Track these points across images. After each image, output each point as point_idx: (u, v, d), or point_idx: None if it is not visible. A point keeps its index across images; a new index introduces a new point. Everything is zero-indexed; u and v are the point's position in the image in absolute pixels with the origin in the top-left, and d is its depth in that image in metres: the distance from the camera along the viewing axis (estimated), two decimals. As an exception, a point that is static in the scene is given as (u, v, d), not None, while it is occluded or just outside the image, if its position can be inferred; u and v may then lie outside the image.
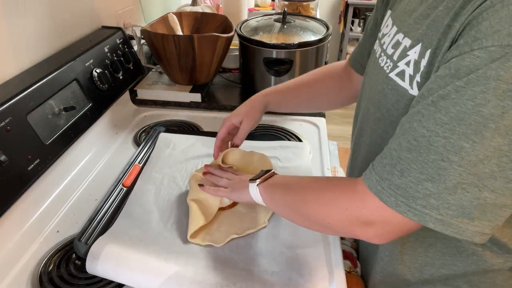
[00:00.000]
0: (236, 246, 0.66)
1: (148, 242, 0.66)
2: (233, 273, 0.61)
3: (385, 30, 0.60)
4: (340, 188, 0.53)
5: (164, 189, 0.79)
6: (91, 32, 1.04)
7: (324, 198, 0.54)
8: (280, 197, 0.61)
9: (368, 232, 0.49)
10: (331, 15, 3.46)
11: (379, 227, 0.48)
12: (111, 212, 0.74)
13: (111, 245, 0.63)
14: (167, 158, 0.89)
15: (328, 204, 0.53)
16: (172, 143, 0.94)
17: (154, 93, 1.17)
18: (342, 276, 0.62)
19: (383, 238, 0.49)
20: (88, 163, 0.90)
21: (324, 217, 0.53)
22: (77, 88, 0.86)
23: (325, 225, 0.54)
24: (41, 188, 0.76)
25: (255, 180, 0.64)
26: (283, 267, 0.62)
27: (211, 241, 0.66)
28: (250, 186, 0.65)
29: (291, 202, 0.59)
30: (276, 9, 1.82)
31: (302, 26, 1.17)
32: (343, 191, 0.52)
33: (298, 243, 0.66)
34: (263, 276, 0.60)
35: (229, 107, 1.15)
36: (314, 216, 0.55)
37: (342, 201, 0.51)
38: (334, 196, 0.53)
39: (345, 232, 0.54)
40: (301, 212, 0.58)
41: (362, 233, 0.50)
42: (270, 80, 1.15)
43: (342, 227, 0.52)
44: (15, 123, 0.69)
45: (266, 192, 0.63)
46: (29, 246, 0.68)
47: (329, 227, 0.54)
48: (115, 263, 0.61)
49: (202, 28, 1.29)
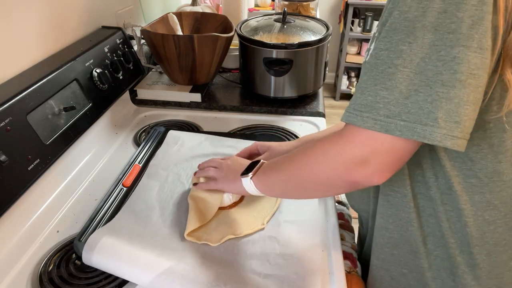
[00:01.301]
0: (233, 247, 0.66)
1: (145, 237, 0.66)
2: (226, 273, 0.61)
3: None
4: (329, 139, 0.54)
5: (168, 186, 0.80)
6: (91, 32, 1.04)
7: (318, 155, 0.55)
8: (275, 178, 0.62)
9: (364, 172, 0.50)
10: (331, 15, 3.46)
11: (372, 162, 0.49)
12: (111, 212, 0.74)
13: (107, 237, 0.63)
14: (174, 155, 0.89)
15: (322, 158, 0.54)
16: (181, 140, 0.94)
17: (154, 93, 1.17)
18: (342, 276, 0.62)
19: (380, 173, 0.50)
20: (88, 163, 0.90)
21: (321, 173, 0.54)
22: (77, 88, 0.86)
23: (325, 181, 0.54)
24: (41, 188, 0.76)
25: (247, 174, 0.65)
26: (278, 270, 0.62)
27: (207, 240, 0.66)
28: (244, 181, 0.65)
29: (288, 176, 0.60)
30: (276, 9, 1.82)
31: (302, 26, 1.17)
32: (331, 141, 0.53)
33: (297, 245, 0.66)
34: (256, 279, 0.60)
35: (229, 107, 1.15)
36: (313, 177, 0.56)
37: (334, 148, 0.52)
38: (326, 148, 0.54)
39: (344, 182, 0.53)
40: (300, 181, 0.58)
41: (359, 175, 0.51)
42: (270, 80, 1.15)
43: (341, 176, 0.52)
44: (15, 123, 0.69)
45: (261, 182, 0.63)
46: (29, 246, 0.68)
47: (329, 182, 0.54)
48: (109, 255, 0.61)
49: (202, 28, 1.30)
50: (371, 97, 0.47)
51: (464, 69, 0.43)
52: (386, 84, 0.46)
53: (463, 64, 0.43)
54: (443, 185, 0.57)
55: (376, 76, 0.47)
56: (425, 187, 0.59)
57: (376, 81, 0.47)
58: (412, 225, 0.62)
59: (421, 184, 0.59)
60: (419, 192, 0.60)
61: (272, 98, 1.18)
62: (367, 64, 0.48)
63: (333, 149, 0.52)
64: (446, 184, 0.57)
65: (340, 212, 0.99)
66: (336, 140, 0.52)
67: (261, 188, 0.64)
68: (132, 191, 0.78)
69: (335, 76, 3.76)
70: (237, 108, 1.15)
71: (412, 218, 0.61)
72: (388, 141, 0.47)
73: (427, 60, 0.44)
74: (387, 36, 0.46)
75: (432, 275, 0.63)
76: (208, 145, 0.94)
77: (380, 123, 0.46)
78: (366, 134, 0.48)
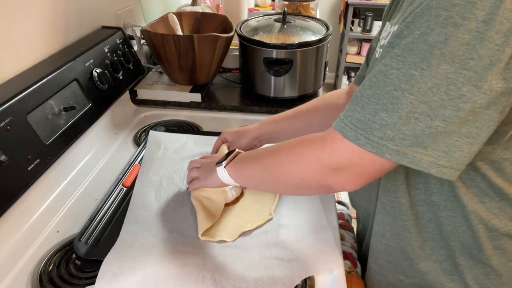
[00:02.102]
0: (249, 240, 0.67)
1: (159, 243, 0.65)
2: (252, 264, 0.62)
3: (384, 34, 0.62)
4: (311, 141, 0.54)
5: (164, 190, 0.79)
6: (91, 32, 1.04)
7: (297, 155, 0.55)
8: (250, 170, 0.62)
9: (339, 179, 0.51)
10: (331, 15, 3.46)
11: (349, 171, 0.50)
12: (111, 212, 0.74)
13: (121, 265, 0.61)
14: (161, 159, 0.88)
15: (300, 159, 0.54)
16: (163, 143, 0.93)
17: (154, 93, 1.17)
18: (342, 276, 0.62)
19: (354, 182, 0.51)
20: (88, 163, 0.90)
21: (297, 174, 0.54)
22: (77, 88, 0.86)
23: (299, 182, 0.55)
24: (41, 188, 0.76)
25: (221, 163, 0.65)
26: (298, 254, 0.64)
27: (223, 237, 0.67)
28: (218, 170, 0.66)
29: (263, 169, 0.60)
30: (276, 9, 1.82)
31: (302, 26, 1.17)
32: (312, 143, 0.53)
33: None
34: (281, 264, 0.62)
35: (229, 107, 1.15)
36: (288, 176, 0.56)
37: (313, 152, 0.52)
38: (306, 150, 0.54)
39: (318, 185, 0.54)
40: (275, 176, 0.59)
41: (334, 181, 0.51)
42: (270, 80, 1.15)
43: (315, 179, 0.53)
44: (15, 123, 0.69)
45: (235, 171, 0.64)
46: (29, 246, 0.68)
47: (303, 183, 0.55)
48: (133, 280, 0.59)
49: (202, 28, 1.29)
50: (370, 115, 0.46)
51: (468, 107, 0.42)
52: (387, 106, 0.44)
53: (468, 103, 0.42)
54: (448, 192, 0.57)
55: (381, 96, 0.45)
56: (427, 194, 0.59)
57: (378, 100, 0.45)
58: (409, 232, 0.62)
59: (422, 191, 0.59)
60: (419, 199, 0.60)
61: (272, 98, 1.18)
62: (374, 78, 0.46)
63: (313, 153, 0.52)
64: (451, 192, 0.56)
65: (340, 212, 0.99)
66: (317, 144, 0.52)
67: (235, 178, 0.64)
68: (131, 192, 0.78)
69: (335, 76, 3.76)
70: (237, 108, 1.15)
71: (409, 225, 0.61)
72: (370, 157, 0.47)
73: (435, 91, 0.42)
74: (402, 55, 0.44)
75: (432, 278, 0.63)
76: (193, 145, 0.94)
77: (372, 144, 0.46)
78: (351, 146, 0.48)
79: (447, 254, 0.60)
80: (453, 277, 0.61)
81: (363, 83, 0.48)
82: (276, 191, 0.63)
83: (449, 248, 0.60)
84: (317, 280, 0.61)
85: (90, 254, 0.65)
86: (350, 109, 0.49)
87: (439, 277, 0.62)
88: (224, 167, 0.65)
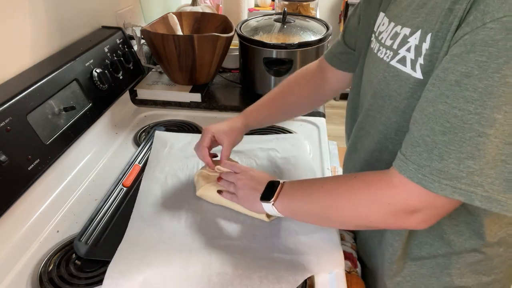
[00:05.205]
0: (259, 238, 0.68)
1: (165, 240, 0.66)
2: (263, 260, 0.62)
3: (381, 28, 0.61)
4: (375, 186, 0.52)
5: (169, 187, 0.80)
6: (91, 32, 1.04)
7: (362, 200, 0.53)
8: (303, 207, 0.61)
9: (414, 220, 0.50)
10: (331, 15, 3.46)
11: (425, 213, 0.49)
12: (111, 212, 0.74)
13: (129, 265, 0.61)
14: (167, 157, 0.89)
15: (367, 205, 0.53)
16: (169, 142, 0.94)
17: (154, 93, 1.17)
18: (342, 276, 0.62)
19: (429, 222, 0.51)
20: (88, 163, 0.90)
21: (365, 217, 0.54)
22: (77, 88, 0.86)
23: (366, 224, 0.55)
24: (41, 188, 0.76)
25: (268, 200, 0.63)
26: (308, 247, 0.64)
27: (219, 201, 0.73)
28: (265, 206, 0.64)
29: (321, 209, 0.59)
30: (276, 9, 1.82)
31: (302, 26, 1.17)
32: (379, 187, 0.52)
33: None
34: (294, 257, 0.63)
35: (229, 107, 1.15)
36: (352, 218, 0.56)
37: (382, 198, 0.51)
38: (371, 195, 0.52)
39: (390, 226, 0.54)
40: (335, 217, 0.58)
41: (409, 222, 0.51)
42: (270, 80, 1.15)
43: (387, 222, 0.53)
44: (15, 123, 0.69)
45: (283, 206, 0.63)
46: (29, 246, 0.68)
47: (371, 225, 0.54)
48: (139, 278, 0.59)
49: (202, 28, 1.29)
50: (454, 164, 0.44)
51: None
52: (474, 153, 0.42)
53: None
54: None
55: (463, 144, 0.43)
56: None
57: (462, 149, 0.43)
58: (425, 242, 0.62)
59: None
60: None
61: (272, 98, 1.18)
62: (448, 124, 0.44)
63: (382, 199, 0.51)
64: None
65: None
66: (386, 190, 0.51)
67: (282, 212, 0.63)
68: (131, 192, 0.78)
69: (335, 76, 3.76)
70: (237, 108, 1.15)
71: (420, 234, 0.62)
72: (449, 201, 0.46)
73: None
74: (480, 99, 0.41)
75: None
76: None
77: (459, 192, 0.44)
78: (427, 193, 0.46)
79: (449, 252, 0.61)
80: (448, 270, 0.62)
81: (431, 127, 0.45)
82: (332, 226, 0.63)
83: (448, 247, 0.61)
84: (317, 280, 0.61)
85: (90, 254, 0.65)
86: (423, 157, 0.46)
87: (437, 275, 0.63)
88: (273, 205, 0.63)
